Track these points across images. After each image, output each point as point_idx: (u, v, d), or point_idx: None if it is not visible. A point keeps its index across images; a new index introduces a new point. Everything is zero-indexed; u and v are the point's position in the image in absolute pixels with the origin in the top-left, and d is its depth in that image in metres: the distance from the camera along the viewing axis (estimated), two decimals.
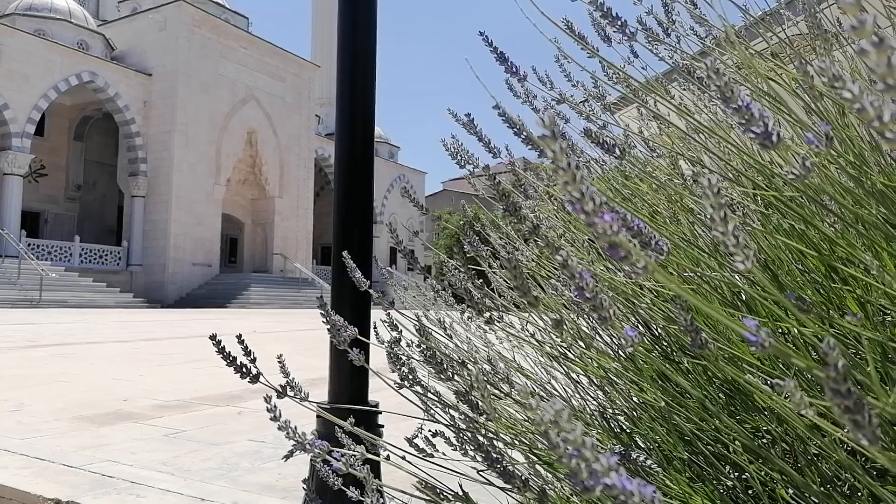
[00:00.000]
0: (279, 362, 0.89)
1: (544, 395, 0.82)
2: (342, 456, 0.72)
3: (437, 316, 1.29)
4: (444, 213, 51.51)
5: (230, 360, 0.75)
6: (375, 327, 1.42)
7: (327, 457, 0.71)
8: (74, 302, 21.95)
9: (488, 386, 0.86)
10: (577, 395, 0.95)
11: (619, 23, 0.80)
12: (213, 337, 0.74)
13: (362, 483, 0.83)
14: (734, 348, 0.63)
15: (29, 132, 24.79)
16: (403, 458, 0.97)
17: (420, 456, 0.93)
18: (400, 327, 1.03)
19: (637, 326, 0.76)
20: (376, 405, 1.48)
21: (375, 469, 1.36)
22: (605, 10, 0.73)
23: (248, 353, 0.79)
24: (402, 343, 1.13)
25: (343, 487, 0.89)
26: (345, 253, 1.00)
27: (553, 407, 0.31)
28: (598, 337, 0.81)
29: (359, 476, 0.79)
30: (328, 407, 1.41)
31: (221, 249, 31.14)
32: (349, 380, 1.44)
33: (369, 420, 1.41)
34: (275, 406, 0.72)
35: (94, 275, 25.33)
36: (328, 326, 0.84)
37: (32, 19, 27.52)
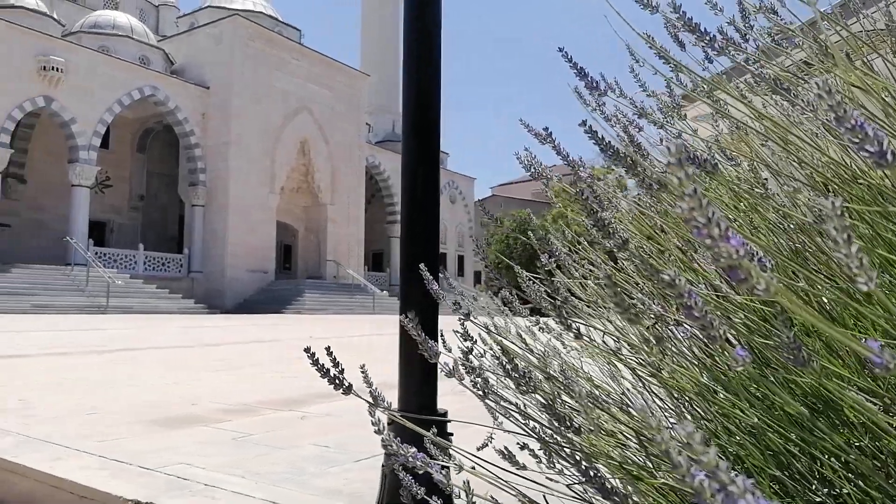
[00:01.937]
0: (362, 372, 0.91)
1: (629, 408, 0.82)
2: (438, 467, 0.73)
3: (494, 323, 1.30)
4: (493, 218, 51.43)
5: (324, 371, 0.78)
6: (442, 335, 1.44)
7: (428, 469, 0.73)
8: (139, 308, 22.85)
9: (565, 398, 0.87)
10: (658, 409, 0.94)
11: (700, 31, 0.80)
12: (307, 350, 0.77)
13: (443, 493, 0.84)
14: (833, 364, 0.62)
15: (95, 145, 25.98)
16: (473, 468, 0.99)
17: (508, 469, 0.94)
18: (474, 337, 1.04)
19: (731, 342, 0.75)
20: (445, 413, 1.50)
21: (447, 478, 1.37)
22: (686, 18, 0.72)
23: (335, 364, 0.82)
24: (473, 352, 1.15)
25: (427, 497, 0.91)
26: (422, 266, 1.02)
27: (685, 428, 0.32)
28: (687, 352, 0.80)
29: (445, 489, 0.81)
30: (399, 414, 1.43)
31: (276, 256, 31.89)
32: (419, 387, 1.46)
33: (439, 428, 1.43)
34: (378, 420, 0.74)
35: (158, 282, 26.31)
36: (419, 343, 0.86)
37: (97, 36, 28.88)
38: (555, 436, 0.77)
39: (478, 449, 1.11)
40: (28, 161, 28.25)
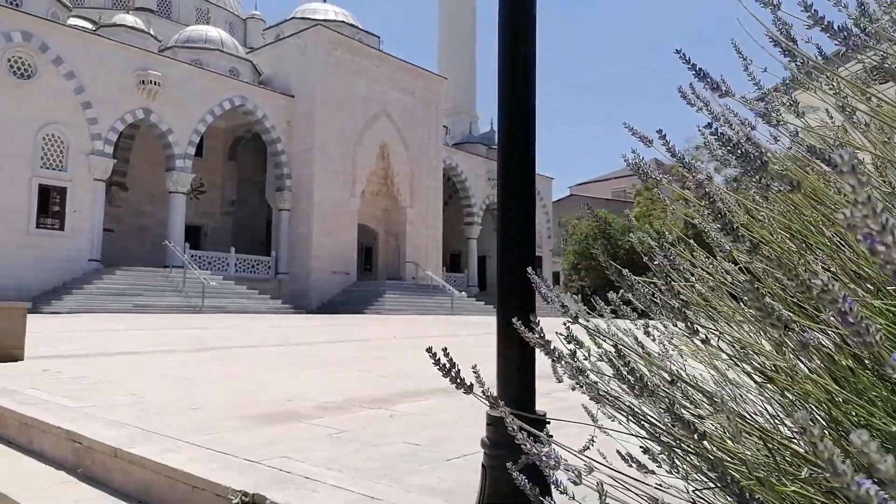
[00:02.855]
0: (474, 372, 0.93)
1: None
2: (568, 468, 0.74)
3: (596, 325, 1.29)
4: (571, 218, 50.63)
5: (446, 371, 0.81)
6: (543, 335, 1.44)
7: (560, 468, 0.74)
8: (231, 308, 24.01)
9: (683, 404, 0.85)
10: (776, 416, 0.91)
11: (826, 24, 0.77)
12: (429, 349, 0.80)
13: (560, 493, 0.85)
14: None
15: (190, 153, 27.50)
16: (591, 470, 0.99)
17: (620, 471, 0.94)
18: (581, 340, 1.05)
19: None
20: (544, 414, 1.50)
21: (544, 480, 1.38)
22: (817, 15, 0.70)
23: (452, 364, 0.85)
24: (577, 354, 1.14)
25: (541, 498, 0.92)
26: (529, 269, 1.04)
27: (860, 437, 0.32)
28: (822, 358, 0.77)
29: (570, 485, 0.82)
30: (498, 414, 1.45)
31: (358, 258, 32.69)
32: (518, 388, 1.47)
33: (537, 428, 1.43)
34: (512, 420, 0.76)
35: (248, 283, 27.56)
36: (536, 344, 0.87)
37: (190, 50, 30.55)
38: (679, 440, 0.76)
39: (580, 451, 1.11)
40: (130, 170, 30.26)
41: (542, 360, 1.50)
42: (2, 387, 4.24)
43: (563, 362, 0.89)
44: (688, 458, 0.66)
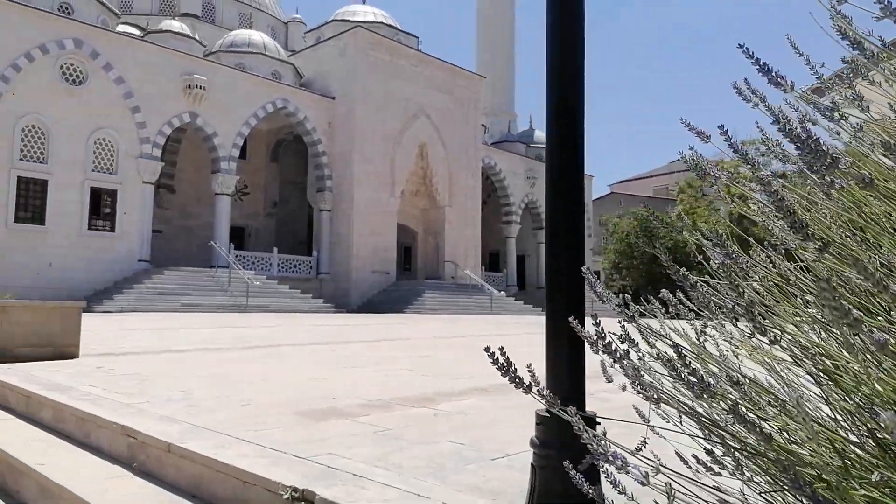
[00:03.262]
0: (529, 371, 0.93)
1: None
2: (632, 467, 0.74)
3: (649, 325, 1.27)
4: (612, 217, 49.91)
5: (504, 370, 0.81)
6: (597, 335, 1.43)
7: (632, 470, 0.73)
8: (274, 307, 24.47)
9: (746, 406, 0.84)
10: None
11: None
12: (487, 349, 0.80)
13: (616, 494, 0.84)
14: None
15: (234, 156, 28.13)
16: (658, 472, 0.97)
17: (680, 472, 0.92)
18: (635, 339, 1.03)
19: None
20: (594, 415, 1.49)
21: (595, 479, 1.37)
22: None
23: (509, 364, 0.85)
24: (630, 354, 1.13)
25: (594, 499, 0.91)
26: (584, 268, 1.03)
27: None
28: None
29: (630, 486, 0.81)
30: (546, 415, 1.44)
31: (397, 258, 32.93)
32: (567, 388, 1.46)
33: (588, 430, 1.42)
34: (580, 419, 0.76)
35: (290, 282, 28.05)
36: (597, 347, 0.86)
37: (233, 55, 31.22)
38: (744, 442, 0.75)
39: (633, 451, 1.10)
40: (177, 173, 31.12)
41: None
42: (59, 383, 4.41)
43: (624, 362, 0.88)
44: (753, 461, 0.65)
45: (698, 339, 1.02)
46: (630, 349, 0.97)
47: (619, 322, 1.04)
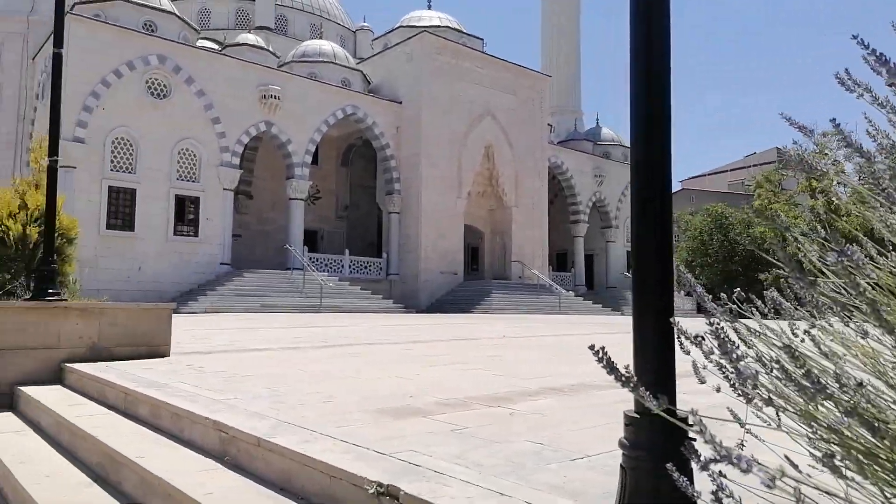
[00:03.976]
0: (626, 372, 0.94)
1: None
2: (756, 470, 0.73)
3: (747, 325, 1.24)
4: (684, 213, 48.31)
5: (611, 368, 0.82)
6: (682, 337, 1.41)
7: (752, 472, 0.73)
8: (346, 307, 25.07)
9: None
10: None
11: None
12: (591, 347, 0.81)
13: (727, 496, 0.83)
14: None
15: (307, 162, 29.01)
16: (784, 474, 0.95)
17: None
18: (734, 341, 1.02)
19: None
20: (686, 418, 1.46)
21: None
22: None
23: (611, 362, 0.86)
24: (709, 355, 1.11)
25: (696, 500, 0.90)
26: (682, 267, 1.02)
27: None
28: None
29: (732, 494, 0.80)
30: (636, 416, 1.43)
31: (464, 258, 33.07)
32: (658, 388, 1.45)
33: (680, 432, 1.40)
34: (700, 420, 0.76)
35: (361, 283, 28.67)
36: (722, 347, 0.86)
37: (305, 64, 32.18)
38: (864, 446, 0.73)
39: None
40: (254, 179, 32.37)
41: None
42: (154, 380, 4.68)
43: (741, 363, 0.87)
44: (876, 464, 0.63)
45: (803, 339, 0.99)
46: (731, 350, 0.95)
47: (715, 322, 1.02)
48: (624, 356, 1.49)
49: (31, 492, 3.22)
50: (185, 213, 25.55)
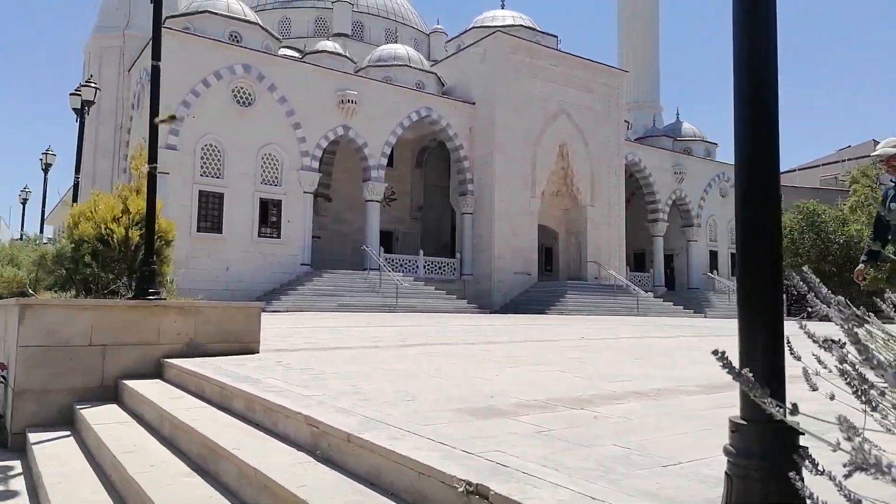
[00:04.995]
0: (745, 375, 0.91)
1: None
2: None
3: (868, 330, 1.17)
4: None
5: (736, 373, 0.80)
6: (789, 342, 1.36)
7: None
8: (421, 307, 25.39)
9: None
10: None
11: None
12: (715, 352, 0.80)
13: None
14: None
15: (382, 164, 29.60)
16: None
17: None
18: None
19: None
20: (797, 423, 1.41)
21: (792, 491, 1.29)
22: None
23: (733, 367, 0.84)
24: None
25: None
26: (805, 268, 0.99)
27: None
28: None
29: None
30: (743, 422, 1.38)
31: (538, 258, 32.79)
32: (768, 395, 1.40)
33: (793, 437, 1.34)
34: (849, 426, 0.74)
35: (435, 284, 28.97)
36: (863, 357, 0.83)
37: (381, 68, 32.82)
38: None
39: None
40: (332, 182, 33.30)
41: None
42: (247, 375, 4.90)
43: (871, 364, 0.84)
44: None
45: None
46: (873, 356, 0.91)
47: (849, 326, 0.98)
48: (708, 361, 1.45)
49: (138, 480, 3.43)
50: (269, 216, 26.62)
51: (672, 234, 39.85)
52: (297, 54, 32.63)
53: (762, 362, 1.32)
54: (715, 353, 0.81)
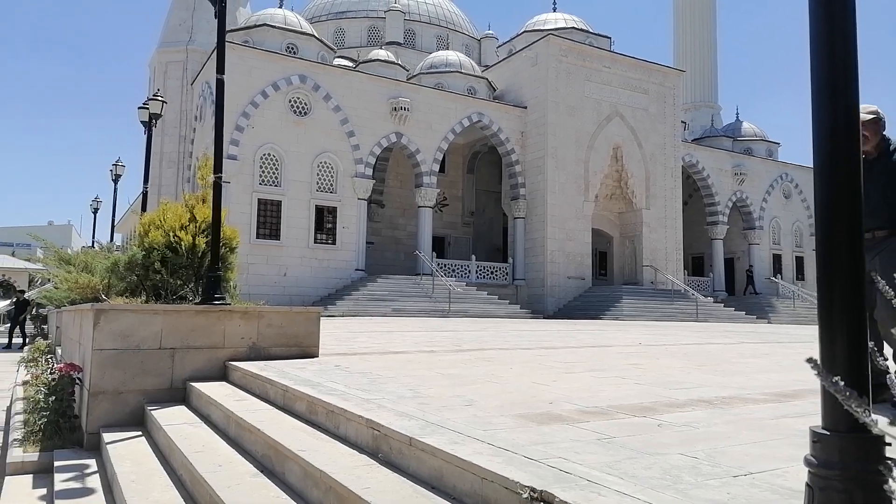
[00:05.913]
0: (836, 381, 0.89)
1: None
2: None
3: None
4: None
5: (831, 382, 0.78)
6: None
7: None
8: (473, 312, 25.39)
9: None
10: None
11: None
12: (809, 360, 0.78)
13: None
14: None
15: (434, 170, 29.79)
16: None
17: None
18: None
19: None
20: (882, 435, 1.35)
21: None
22: None
23: (827, 375, 0.82)
24: None
25: None
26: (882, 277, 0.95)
27: None
28: None
29: None
30: (826, 432, 1.34)
31: (592, 263, 32.33)
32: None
33: (880, 448, 1.29)
34: None
35: (487, 289, 28.93)
36: None
37: (433, 75, 33.08)
38: None
39: None
40: (385, 188, 33.72)
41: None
42: (308, 379, 5.01)
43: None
44: None
45: None
46: None
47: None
48: (775, 368, 1.41)
49: (208, 480, 3.55)
50: (324, 223, 27.17)
51: (732, 236, 38.64)
52: (350, 64, 33.24)
53: (847, 370, 1.27)
54: (809, 360, 0.79)
